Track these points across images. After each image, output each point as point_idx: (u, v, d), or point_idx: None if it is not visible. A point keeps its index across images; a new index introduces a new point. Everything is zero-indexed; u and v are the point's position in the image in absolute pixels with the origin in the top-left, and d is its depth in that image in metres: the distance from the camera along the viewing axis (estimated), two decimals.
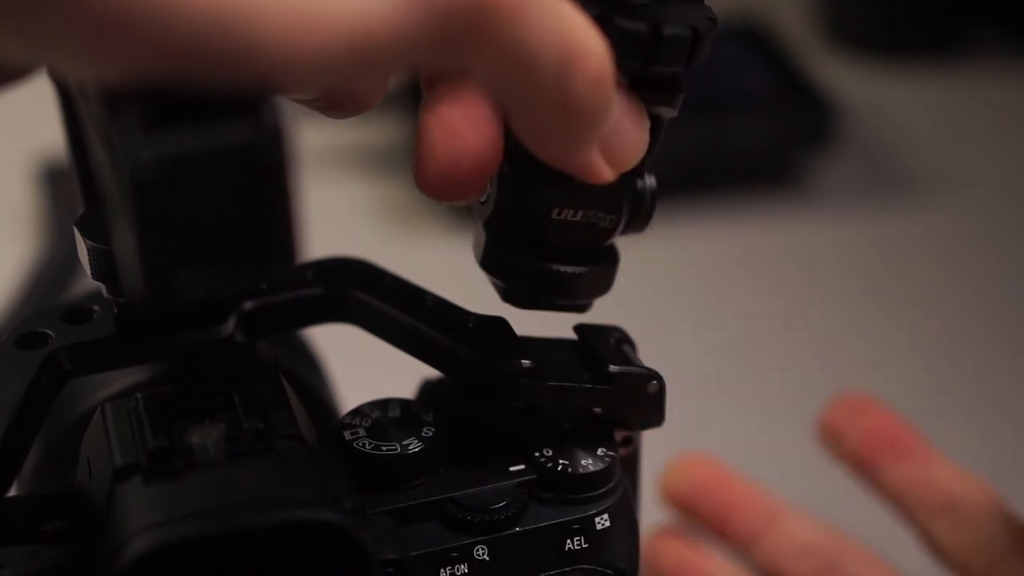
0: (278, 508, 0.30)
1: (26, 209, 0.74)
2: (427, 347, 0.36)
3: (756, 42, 0.81)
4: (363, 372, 0.42)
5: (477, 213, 0.34)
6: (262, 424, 0.31)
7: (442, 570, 0.33)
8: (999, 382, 0.65)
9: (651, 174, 0.34)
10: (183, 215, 0.25)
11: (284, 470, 0.31)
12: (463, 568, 0.33)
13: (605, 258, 0.34)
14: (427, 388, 0.38)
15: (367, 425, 0.35)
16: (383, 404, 0.35)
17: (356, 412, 0.35)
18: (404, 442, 0.34)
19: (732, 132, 0.75)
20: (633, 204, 0.34)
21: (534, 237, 0.33)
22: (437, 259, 0.70)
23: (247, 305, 0.36)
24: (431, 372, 0.37)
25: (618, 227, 0.34)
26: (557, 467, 0.34)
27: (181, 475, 0.30)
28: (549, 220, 0.33)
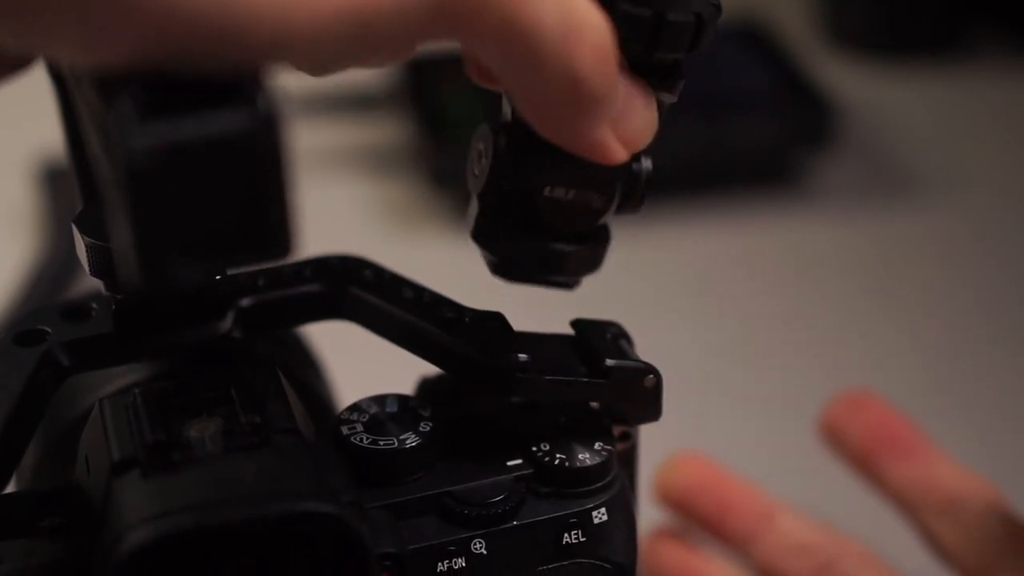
0: (275, 500, 0.30)
1: (26, 209, 0.74)
2: (424, 343, 0.36)
3: (756, 42, 0.81)
4: (361, 369, 0.42)
5: (472, 185, 0.34)
6: (259, 418, 0.31)
7: (440, 564, 0.33)
8: (999, 382, 0.65)
9: (647, 157, 0.34)
10: (178, 203, 0.25)
11: (281, 463, 0.31)
12: (460, 562, 0.33)
13: (596, 237, 0.34)
14: (425, 386, 0.38)
15: (364, 420, 0.35)
16: (380, 400, 0.35)
17: (354, 407, 0.35)
18: (401, 437, 0.34)
19: (732, 132, 0.75)
20: (627, 185, 0.34)
21: (526, 213, 0.33)
22: (437, 259, 0.70)
23: (245, 302, 0.36)
24: (428, 368, 0.37)
25: (610, 208, 0.34)
26: (554, 461, 0.34)
27: (178, 469, 0.30)
28: (541, 197, 0.33)
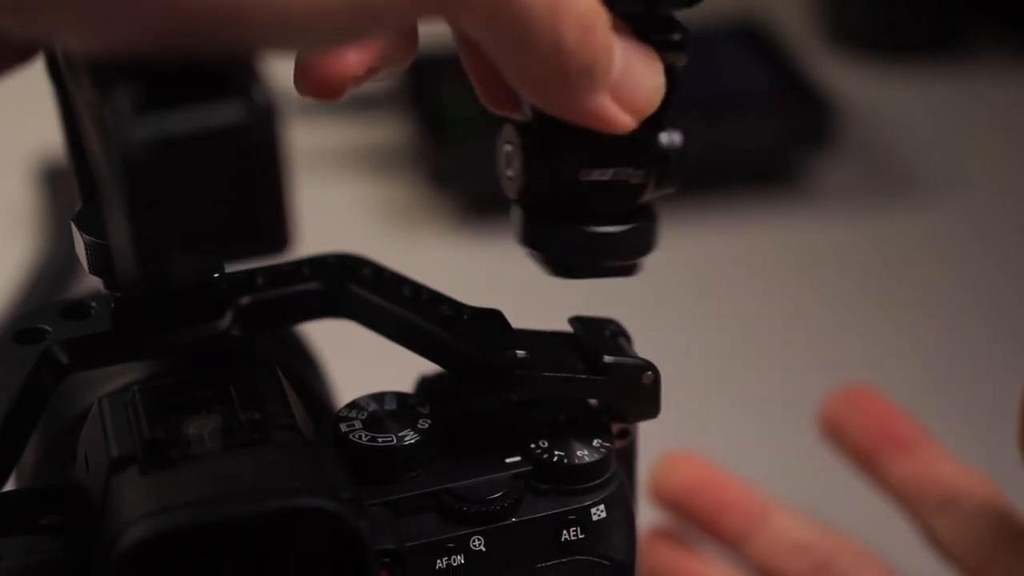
0: (274, 497, 0.30)
1: (26, 209, 0.74)
2: (423, 341, 0.36)
3: (756, 42, 0.81)
4: (359, 366, 0.42)
5: (507, 189, 0.34)
6: (258, 415, 0.31)
7: (438, 561, 0.33)
8: (999, 382, 0.65)
9: (675, 130, 0.33)
10: (175, 196, 0.25)
11: (280, 460, 0.31)
12: (459, 559, 0.33)
13: (644, 216, 0.34)
14: (424, 383, 0.38)
15: (363, 418, 0.35)
16: (379, 397, 0.35)
17: (352, 405, 0.35)
18: (400, 434, 0.34)
19: (732, 132, 0.75)
20: (659, 158, 0.33)
21: (569, 203, 0.33)
22: (437, 258, 0.70)
23: (244, 300, 0.36)
24: (427, 366, 0.37)
25: (649, 182, 0.33)
26: (553, 458, 0.34)
27: (177, 465, 0.30)
28: (580, 183, 0.33)
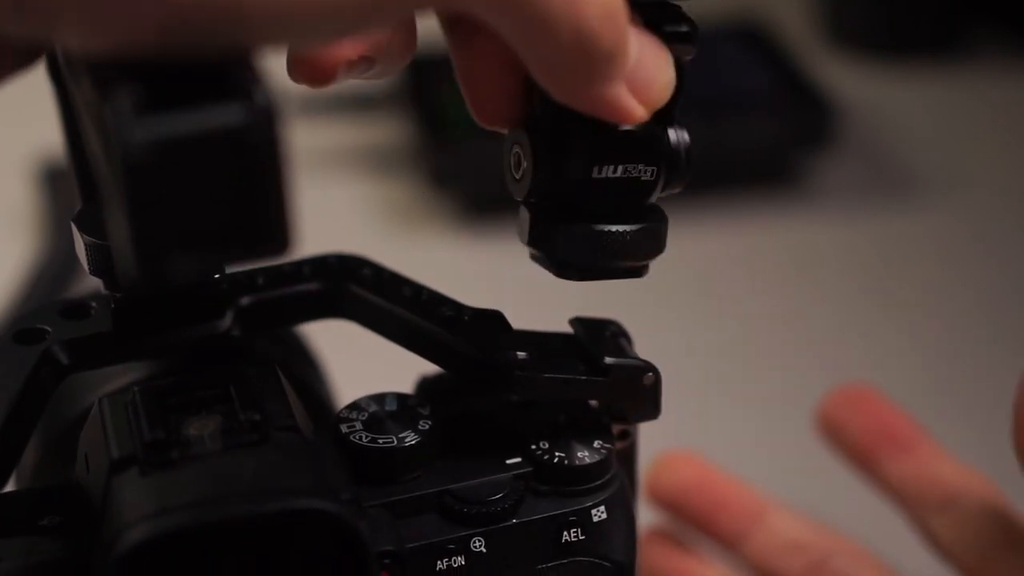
0: (274, 497, 0.30)
1: (26, 209, 0.74)
2: (423, 341, 0.36)
3: (756, 42, 0.81)
4: (360, 367, 0.42)
5: (515, 191, 0.34)
6: (258, 416, 0.31)
7: (439, 562, 0.33)
8: (999, 382, 0.64)
9: (682, 128, 0.33)
10: (175, 197, 0.25)
11: (280, 461, 0.31)
12: (460, 560, 0.33)
13: (653, 217, 0.34)
14: (424, 384, 0.38)
15: (364, 418, 0.35)
16: (380, 398, 0.35)
17: (353, 406, 0.35)
18: (400, 435, 0.34)
19: (732, 132, 0.75)
20: (669, 155, 0.33)
21: (578, 203, 0.33)
22: (437, 258, 0.70)
23: (244, 301, 0.36)
24: (428, 367, 0.37)
25: (659, 180, 0.33)
26: (553, 459, 0.34)
27: (177, 466, 0.30)
28: (591, 180, 0.33)
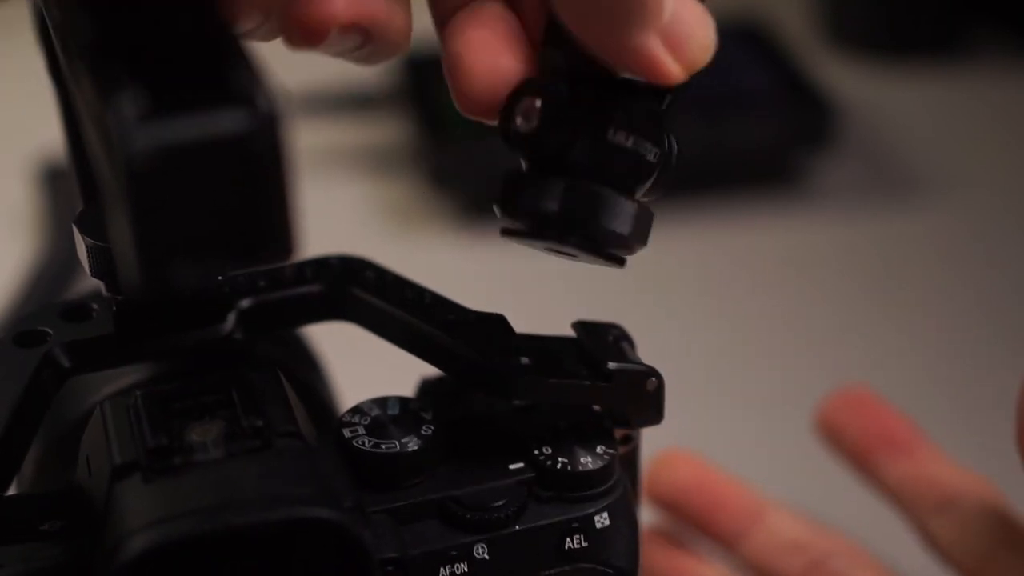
0: (277, 505, 0.30)
1: (26, 209, 0.74)
2: (426, 345, 0.36)
3: (756, 42, 0.81)
4: (362, 370, 0.42)
5: (514, 145, 0.33)
6: (261, 421, 0.31)
7: (442, 569, 0.33)
8: (999, 382, 0.64)
9: (673, 139, 0.33)
10: (179, 204, 0.25)
11: (283, 467, 0.31)
12: (463, 567, 0.33)
13: (644, 206, 0.33)
14: (426, 387, 0.38)
15: (366, 423, 0.35)
16: (382, 402, 0.35)
17: (355, 410, 0.35)
18: (403, 440, 0.34)
19: (732, 132, 0.75)
20: (667, 149, 0.33)
21: (584, 161, 0.32)
22: (438, 259, 0.70)
23: (246, 303, 0.36)
24: (430, 370, 0.37)
25: (658, 166, 0.33)
26: (556, 465, 0.34)
27: (180, 473, 0.30)
28: (603, 142, 0.32)
